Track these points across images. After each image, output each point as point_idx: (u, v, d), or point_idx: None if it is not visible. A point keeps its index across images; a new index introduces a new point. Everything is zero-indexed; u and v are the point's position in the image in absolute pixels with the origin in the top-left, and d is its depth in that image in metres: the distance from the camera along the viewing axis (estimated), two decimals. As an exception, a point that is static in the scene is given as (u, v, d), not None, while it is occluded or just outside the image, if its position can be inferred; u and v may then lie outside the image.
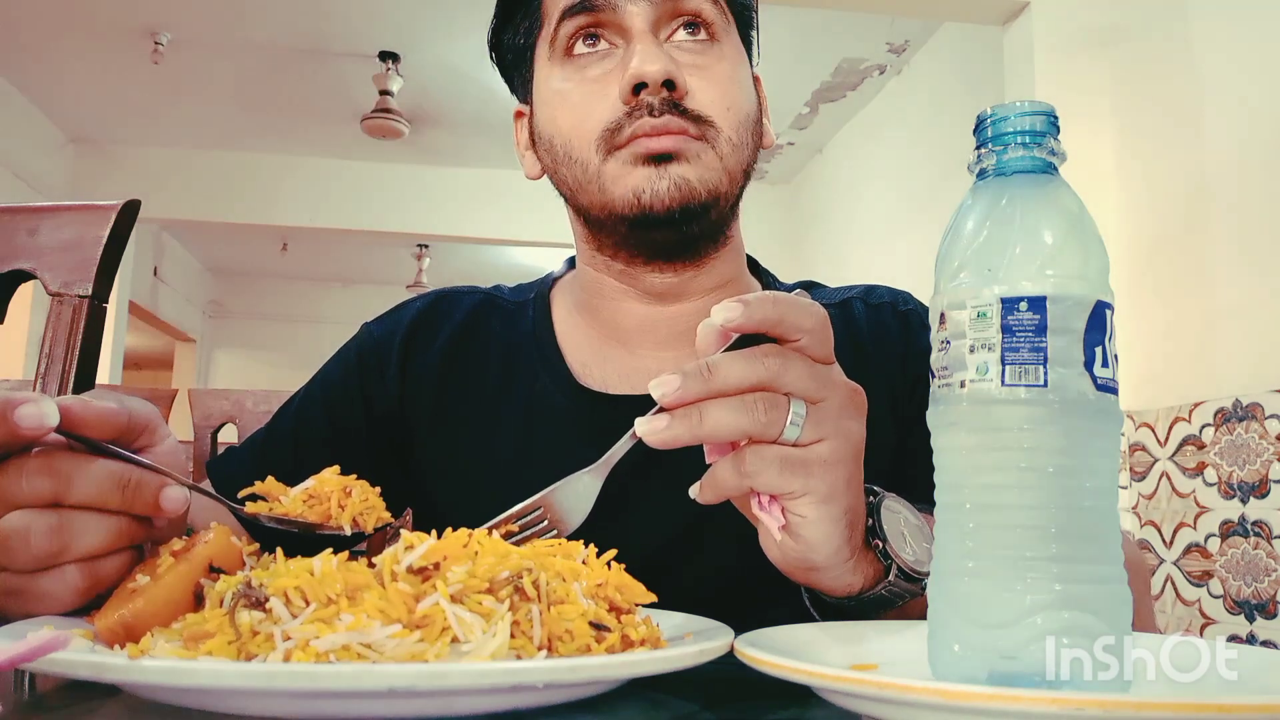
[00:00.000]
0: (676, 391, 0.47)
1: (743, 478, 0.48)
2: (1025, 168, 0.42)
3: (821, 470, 0.49)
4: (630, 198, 0.70)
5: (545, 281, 0.87)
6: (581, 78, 0.73)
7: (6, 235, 0.91)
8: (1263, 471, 2.16)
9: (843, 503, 0.50)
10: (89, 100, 4.93)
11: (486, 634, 0.39)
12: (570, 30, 0.73)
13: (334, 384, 0.84)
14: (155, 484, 0.47)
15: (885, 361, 0.79)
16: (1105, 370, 0.39)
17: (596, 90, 0.72)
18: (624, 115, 0.70)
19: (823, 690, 0.40)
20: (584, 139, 0.72)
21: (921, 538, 0.57)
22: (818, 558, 0.51)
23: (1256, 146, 2.25)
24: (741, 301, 0.47)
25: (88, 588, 0.47)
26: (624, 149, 0.71)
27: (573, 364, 0.80)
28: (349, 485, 0.53)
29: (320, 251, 7.19)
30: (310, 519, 0.52)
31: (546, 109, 0.75)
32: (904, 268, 3.89)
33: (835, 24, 3.77)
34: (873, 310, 0.83)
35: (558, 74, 0.74)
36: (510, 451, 0.77)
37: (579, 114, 0.72)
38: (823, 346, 0.50)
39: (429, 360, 0.81)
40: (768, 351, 0.48)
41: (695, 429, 0.47)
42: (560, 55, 0.74)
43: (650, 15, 0.72)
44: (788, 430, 0.48)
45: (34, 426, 0.45)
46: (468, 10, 3.90)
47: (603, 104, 0.71)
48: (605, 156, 0.71)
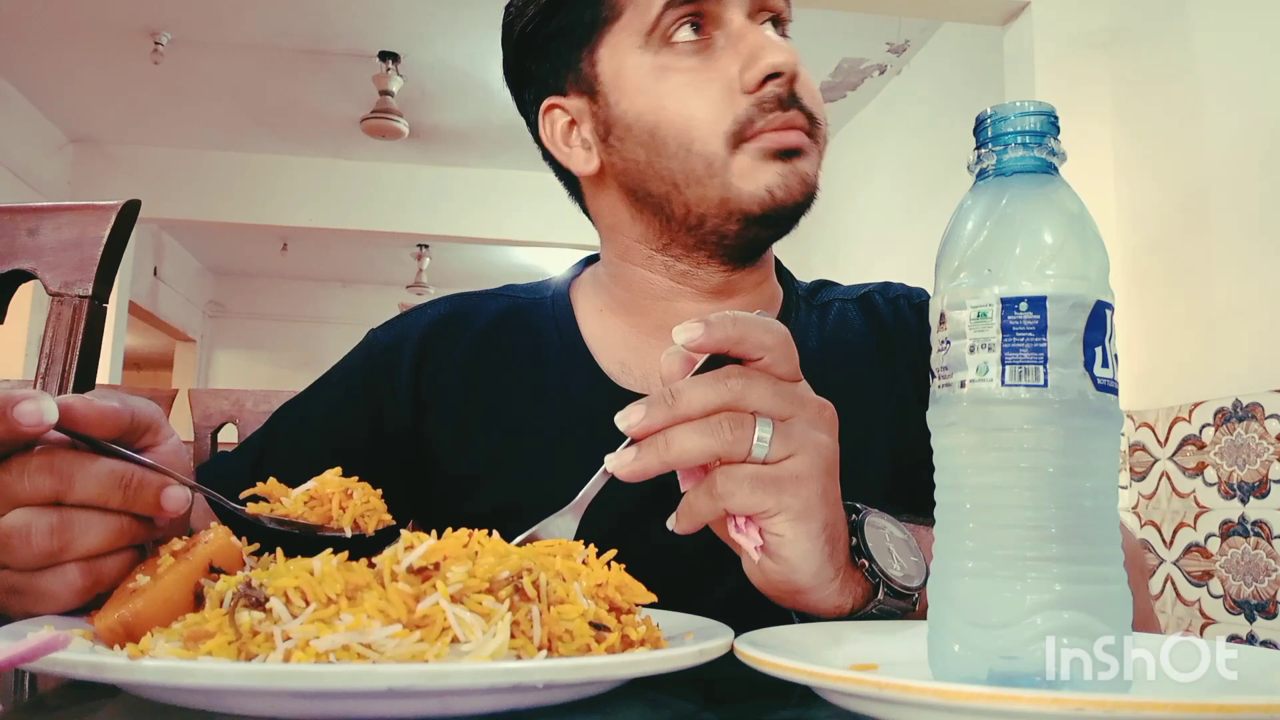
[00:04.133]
0: (642, 421, 0.47)
1: (716, 500, 0.48)
2: (1025, 168, 0.42)
3: (794, 486, 0.49)
4: (764, 194, 0.69)
5: (562, 283, 0.84)
6: (690, 65, 0.70)
7: (6, 235, 0.91)
8: (1263, 471, 2.16)
9: (819, 518, 0.50)
10: (89, 100, 4.93)
11: (486, 634, 0.39)
12: (675, 17, 0.70)
13: (337, 399, 0.80)
14: (157, 483, 0.47)
15: (909, 350, 0.79)
16: (1105, 370, 0.39)
17: (711, 78, 0.69)
18: (754, 108, 0.68)
19: (823, 690, 0.40)
20: (709, 130, 0.69)
21: (908, 551, 0.56)
22: (800, 578, 0.51)
23: (1256, 147, 2.25)
24: (702, 322, 0.47)
25: (88, 586, 0.47)
26: (751, 142, 0.69)
27: (608, 365, 0.77)
28: (350, 487, 0.53)
29: (320, 251, 7.19)
30: (311, 520, 0.52)
31: (646, 98, 0.70)
32: (904, 268, 3.89)
33: (835, 24, 3.77)
34: (890, 303, 0.83)
35: (659, 61, 0.70)
36: (549, 460, 0.74)
37: (698, 103, 0.69)
38: (787, 364, 0.50)
39: (449, 371, 0.78)
40: (730, 373, 0.48)
41: (663, 455, 0.47)
42: (659, 43, 0.70)
43: (749, 7, 0.71)
44: (755, 448, 0.48)
45: (34, 423, 0.45)
46: (468, 10, 3.90)
47: (723, 93, 0.69)
48: (733, 150, 0.69)
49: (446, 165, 5.66)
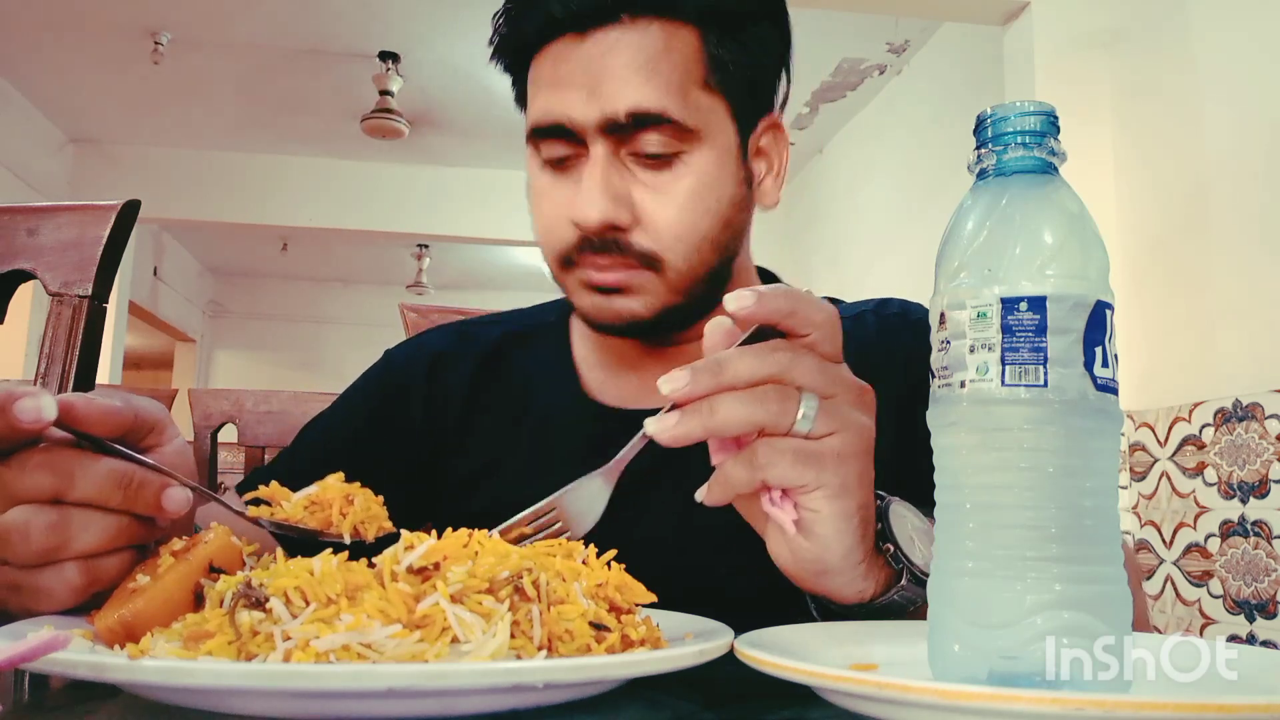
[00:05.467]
0: (686, 387, 0.46)
1: (755, 470, 0.48)
2: (1025, 168, 0.42)
3: (835, 463, 0.48)
4: (587, 314, 0.75)
5: (565, 306, 0.88)
6: (551, 182, 0.74)
7: (6, 235, 0.91)
8: (1263, 471, 2.16)
9: (856, 498, 0.50)
10: (89, 100, 4.93)
11: (486, 634, 0.39)
12: (544, 145, 0.73)
13: (359, 406, 0.87)
14: (157, 484, 0.47)
15: (894, 361, 0.79)
16: (1105, 370, 0.39)
17: (562, 201, 0.72)
18: (573, 244, 0.72)
19: (823, 690, 0.40)
20: (548, 248, 0.75)
21: (928, 541, 0.55)
22: (831, 558, 0.50)
23: (1256, 147, 2.25)
24: (755, 291, 0.47)
25: (86, 585, 0.47)
26: (576, 270, 0.73)
27: (589, 383, 0.83)
28: (351, 493, 0.53)
29: (320, 251, 7.19)
30: (311, 525, 0.52)
31: (529, 191, 0.77)
32: (904, 268, 3.89)
33: (835, 24, 3.77)
34: (883, 320, 0.84)
35: (533, 163, 0.75)
36: (528, 464, 0.80)
37: (544, 223, 0.75)
38: (832, 343, 0.50)
39: (457, 385, 0.84)
40: (776, 346, 0.48)
41: (707, 422, 0.46)
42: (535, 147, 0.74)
43: (610, 144, 0.70)
44: (799, 423, 0.47)
45: (32, 420, 0.45)
46: (468, 10, 3.90)
47: (561, 221, 0.72)
48: (564, 271, 0.74)
49: (446, 165, 5.65)
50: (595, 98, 0.68)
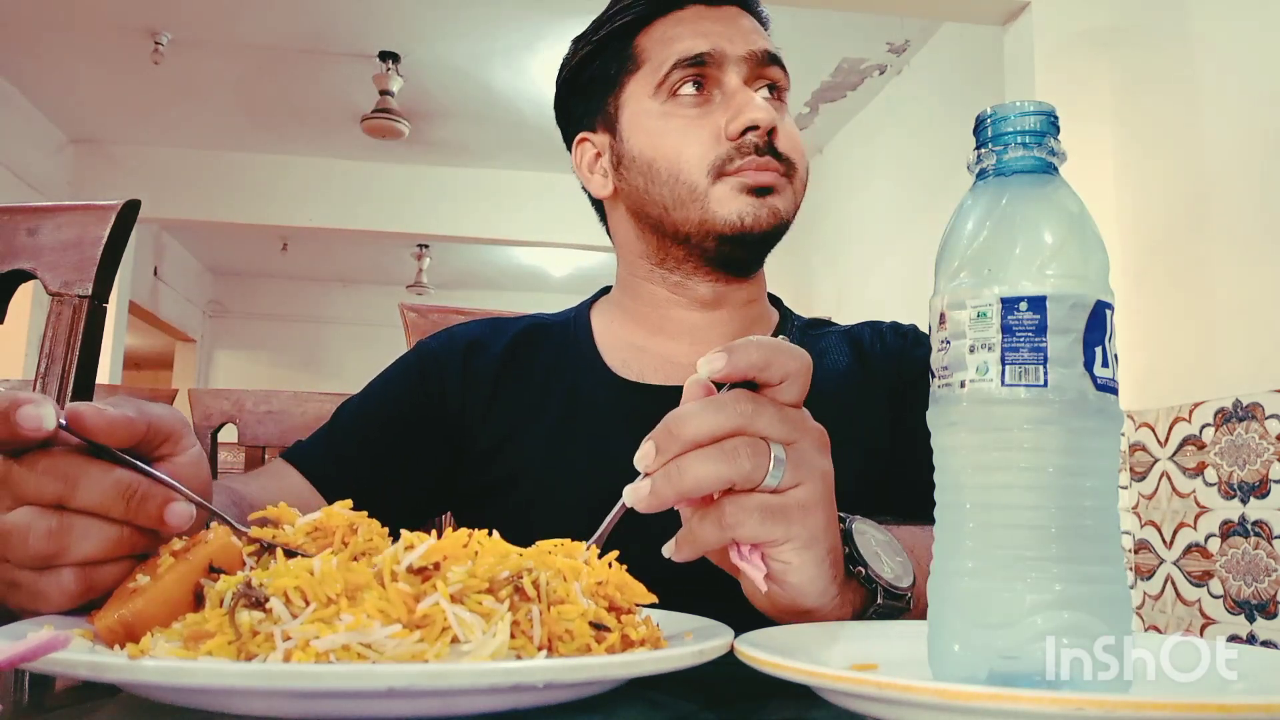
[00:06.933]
0: (656, 458, 0.47)
1: (724, 530, 0.48)
2: (1025, 168, 0.42)
3: (801, 516, 0.49)
4: (735, 220, 0.83)
5: (584, 304, 1.00)
6: (688, 114, 0.85)
7: (6, 235, 0.91)
8: (1263, 471, 2.16)
9: (824, 544, 0.51)
10: (89, 100, 4.93)
11: (486, 634, 0.39)
12: (681, 76, 0.85)
13: (394, 384, 0.93)
14: (161, 498, 0.47)
15: (887, 368, 0.90)
16: (1105, 370, 0.39)
17: (703, 125, 0.84)
18: (733, 150, 0.83)
19: (823, 690, 0.39)
20: (695, 164, 0.83)
21: (894, 552, 0.57)
22: (807, 601, 0.51)
23: (1256, 147, 2.25)
24: (725, 350, 0.48)
25: (82, 592, 0.47)
26: (731, 177, 0.83)
27: (612, 362, 0.91)
28: (356, 522, 0.52)
29: (320, 251, 7.19)
30: (311, 552, 0.51)
31: (648, 136, 0.86)
32: (904, 267, 3.89)
33: (835, 24, 3.77)
34: (877, 333, 0.95)
35: (664, 109, 0.86)
36: (549, 432, 0.87)
37: (688, 143, 0.84)
38: (799, 390, 0.50)
39: (487, 365, 0.92)
40: (737, 397, 0.48)
41: (678, 485, 0.47)
42: (666, 94, 0.86)
43: (746, 75, 0.86)
44: (769, 478, 0.48)
45: (33, 428, 0.45)
46: (468, 10, 3.90)
47: (711, 137, 0.84)
48: (713, 181, 0.83)
49: (446, 165, 5.65)
50: (741, 39, 0.87)
